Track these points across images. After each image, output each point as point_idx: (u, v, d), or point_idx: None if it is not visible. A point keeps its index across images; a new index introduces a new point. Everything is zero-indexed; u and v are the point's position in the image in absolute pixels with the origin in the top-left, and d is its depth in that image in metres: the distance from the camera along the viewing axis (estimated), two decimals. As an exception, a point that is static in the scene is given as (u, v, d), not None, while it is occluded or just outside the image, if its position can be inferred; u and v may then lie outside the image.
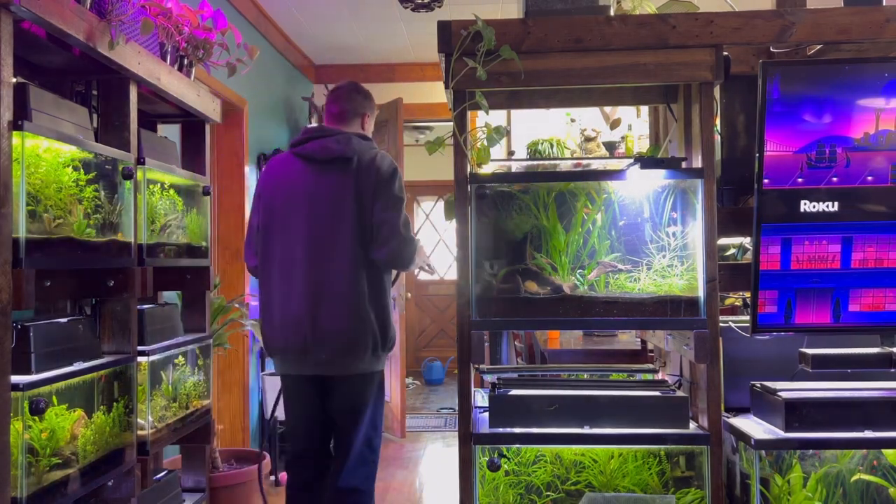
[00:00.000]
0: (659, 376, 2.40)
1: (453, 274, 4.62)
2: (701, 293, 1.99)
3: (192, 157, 2.81)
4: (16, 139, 1.66)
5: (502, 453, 2.03)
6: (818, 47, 2.15)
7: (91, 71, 2.15)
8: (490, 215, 2.08)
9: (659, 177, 2.04)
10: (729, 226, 2.14)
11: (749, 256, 2.25)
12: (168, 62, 2.39)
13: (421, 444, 5.23)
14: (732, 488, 2.09)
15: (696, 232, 2.02)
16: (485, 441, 2.00)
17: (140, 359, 2.26)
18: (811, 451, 2.02)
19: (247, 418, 4.36)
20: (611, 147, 4.47)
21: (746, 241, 2.47)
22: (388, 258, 2.47)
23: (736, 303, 2.83)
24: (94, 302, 2.26)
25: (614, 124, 4.40)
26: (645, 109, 3.96)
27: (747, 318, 2.13)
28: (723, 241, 2.51)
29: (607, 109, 4.43)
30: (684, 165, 2.11)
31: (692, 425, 2.03)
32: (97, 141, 2.14)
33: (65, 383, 1.86)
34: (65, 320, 2.01)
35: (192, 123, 2.82)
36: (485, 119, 3.49)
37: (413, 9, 4.31)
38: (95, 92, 2.26)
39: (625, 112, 4.40)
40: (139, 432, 2.24)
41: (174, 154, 2.64)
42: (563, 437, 2.00)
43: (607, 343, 3.73)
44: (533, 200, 2.07)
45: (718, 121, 2.18)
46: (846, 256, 1.96)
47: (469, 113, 2.13)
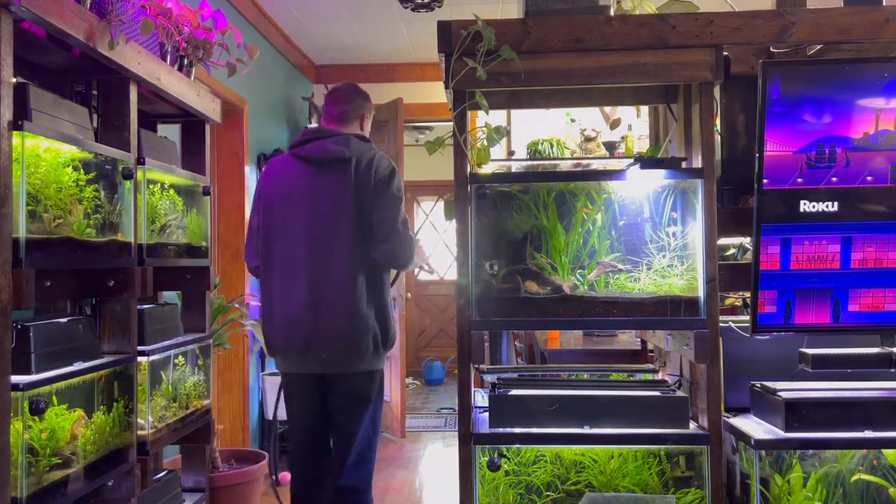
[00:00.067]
0: (659, 376, 2.40)
1: (453, 274, 4.62)
2: (701, 293, 1.99)
3: (192, 157, 2.81)
4: (16, 139, 1.66)
5: (502, 453, 2.03)
6: (818, 47, 2.15)
7: (91, 71, 2.15)
8: (490, 215, 2.08)
9: (659, 177, 2.04)
10: (729, 226, 2.14)
11: (749, 256, 2.25)
12: (168, 62, 2.40)
13: (421, 444, 5.23)
14: (732, 488, 2.09)
15: (696, 232, 2.02)
16: (485, 441, 2.00)
17: (140, 359, 2.26)
18: (811, 451, 2.02)
19: (247, 418, 4.36)
20: (611, 147, 4.47)
21: (746, 241, 2.46)
22: (387, 257, 2.48)
23: (736, 303, 2.83)
24: (94, 302, 2.26)
25: (614, 124, 4.40)
26: (645, 109, 3.96)
27: (747, 318, 2.13)
28: (723, 241, 2.51)
29: (607, 109, 4.43)
30: (684, 165, 2.11)
31: (692, 425, 2.03)
32: (97, 141, 2.14)
33: (65, 383, 1.86)
34: (65, 320, 2.01)
35: (192, 123, 2.82)
36: (485, 119, 3.49)
37: (413, 9, 4.31)
38: (95, 92, 2.26)
39: (625, 112, 4.40)
40: (139, 432, 2.24)
41: (174, 154, 2.64)
42: (563, 437, 2.00)
43: (607, 343, 3.72)
44: (533, 200, 2.07)
45: (718, 121, 2.18)
46: (846, 256, 1.96)
47: (469, 113, 2.13)
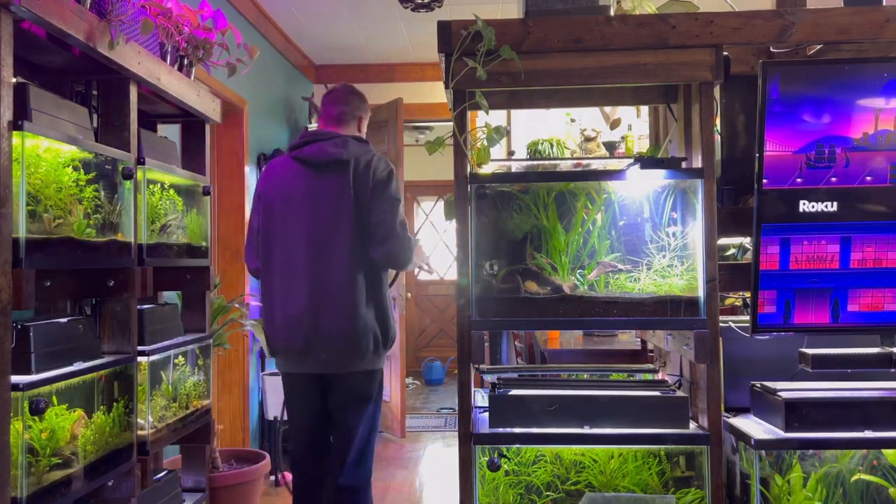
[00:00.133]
0: (659, 376, 2.40)
1: (453, 274, 4.62)
2: (701, 293, 1.99)
3: (192, 157, 2.81)
4: (16, 139, 1.66)
5: (502, 453, 2.03)
6: (818, 47, 2.15)
7: (91, 71, 2.15)
8: (490, 215, 2.08)
9: (659, 177, 2.04)
10: (729, 226, 2.14)
11: (749, 256, 2.25)
12: (168, 62, 2.39)
13: (421, 444, 5.22)
14: (732, 488, 2.09)
15: (696, 232, 2.02)
16: (485, 441, 2.00)
17: (140, 359, 2.26)
18: (811, 451, 2.02)
19: (247, 418, 4.36)
20: (611, 147, 4.47)
21: (746, 241, 2.46)
22: (385, 258, 2.49)
23: (736, 303, 2.83)
24: (94, 302, 2.26)
25: (614, 124, 4.40)
26: (645, 109, 3.96)
27: (747, 318, 2.13)
28: (723, 241, 2.51)
29: (607, 109, 4.43)
30: (684, 165, 2.11)
31: (692, 425, 2.03)
32: (97, 141, 2.14)
33: (65, 383, 1.86)
34: (65, 320, 2.01)
35: (192, 123, 2.82)
36: (485, 119, 3.49)
37: (413, 9, 4.31)
38: (95, 92, 2.26)
39: (625, 112, 4.40)
40: (139, 432, 2.24)
41: (174, 154, 2.64)
42: (563, 437, 2.00)
43: (607, 343, 3.72)
44: (533, 200, 2.07)
45: (718, 121, 2.18)
46: (845, 256, 1.96)
47: (469, 113, 2.13)
